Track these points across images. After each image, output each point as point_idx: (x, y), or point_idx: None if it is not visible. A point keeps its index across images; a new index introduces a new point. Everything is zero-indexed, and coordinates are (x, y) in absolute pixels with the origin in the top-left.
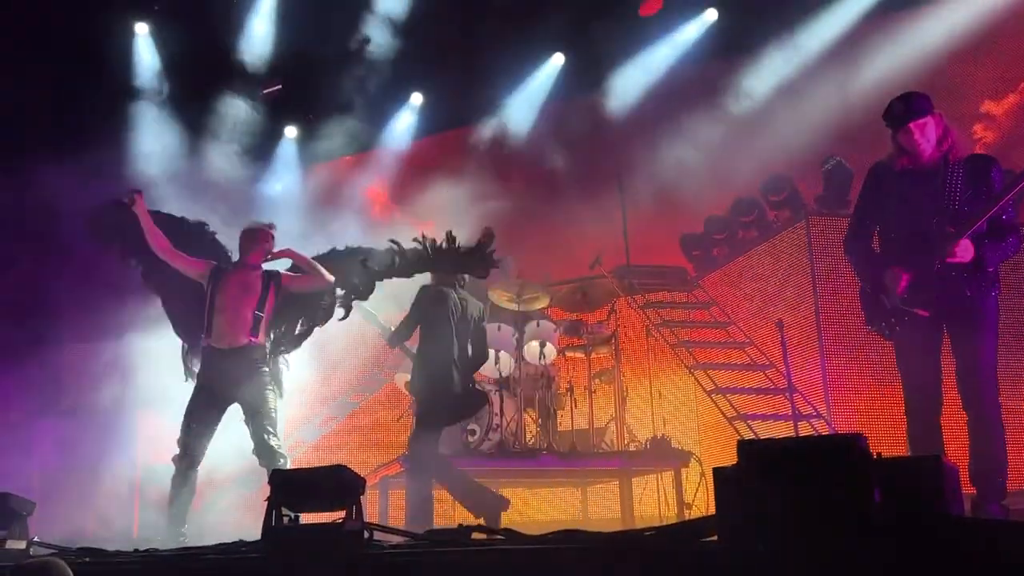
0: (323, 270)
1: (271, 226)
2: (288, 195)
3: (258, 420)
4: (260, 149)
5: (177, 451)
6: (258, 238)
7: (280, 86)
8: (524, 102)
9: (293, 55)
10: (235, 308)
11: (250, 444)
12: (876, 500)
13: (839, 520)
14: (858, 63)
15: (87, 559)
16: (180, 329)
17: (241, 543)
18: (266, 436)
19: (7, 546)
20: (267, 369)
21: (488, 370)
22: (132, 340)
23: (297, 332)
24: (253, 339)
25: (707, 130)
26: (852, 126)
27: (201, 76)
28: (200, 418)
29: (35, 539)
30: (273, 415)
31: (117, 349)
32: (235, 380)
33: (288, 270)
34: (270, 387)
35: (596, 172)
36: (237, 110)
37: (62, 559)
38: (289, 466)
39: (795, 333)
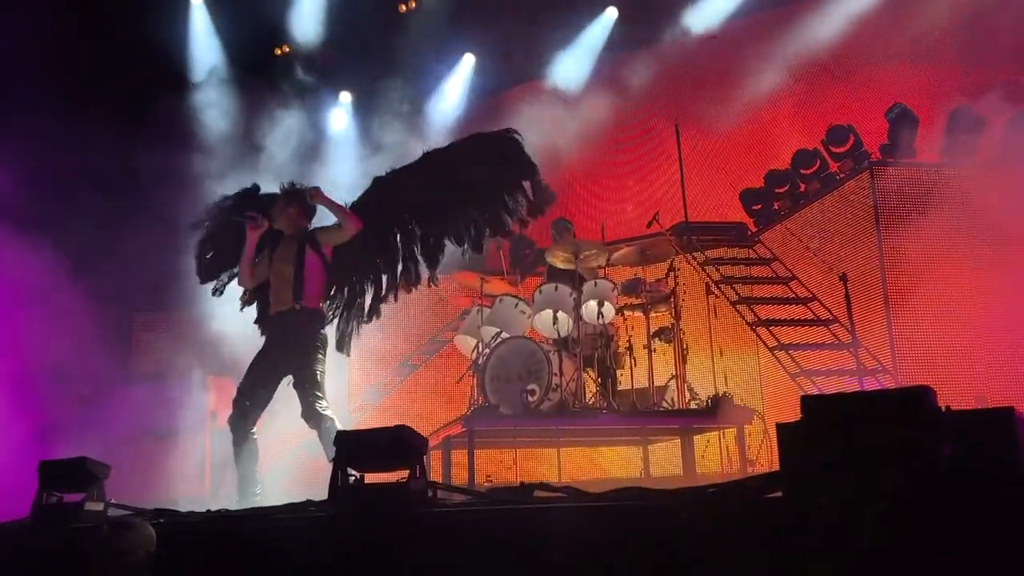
0: (346, 215)
1: (281, 187)
2: (345, 162)
3: (301, 384)
4: (316, 115)
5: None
6: (276, 205)
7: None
8: (578, 57)
9: (345, 20)
10: (280, 274)
11: None
12: (945, 454)
13: (906, 475)
14: None
15: (161, 519)
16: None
17: (309, 503)
18: (311, 399)
19: (86, 507)
20: (317, 334)
21: (547, 330)
22: (205, 307)
23: (369, 299)
24: (296, 304)
25: (768, 79)
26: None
27: (256, 46)
28: (253, 378)
29: (112, 500)
30: (318, 379)
31: (191, 316)
32: (282, 344)
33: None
34: (314, 353)
35: (653, 127)
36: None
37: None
38: (339, 427)
39: (859, 287)
